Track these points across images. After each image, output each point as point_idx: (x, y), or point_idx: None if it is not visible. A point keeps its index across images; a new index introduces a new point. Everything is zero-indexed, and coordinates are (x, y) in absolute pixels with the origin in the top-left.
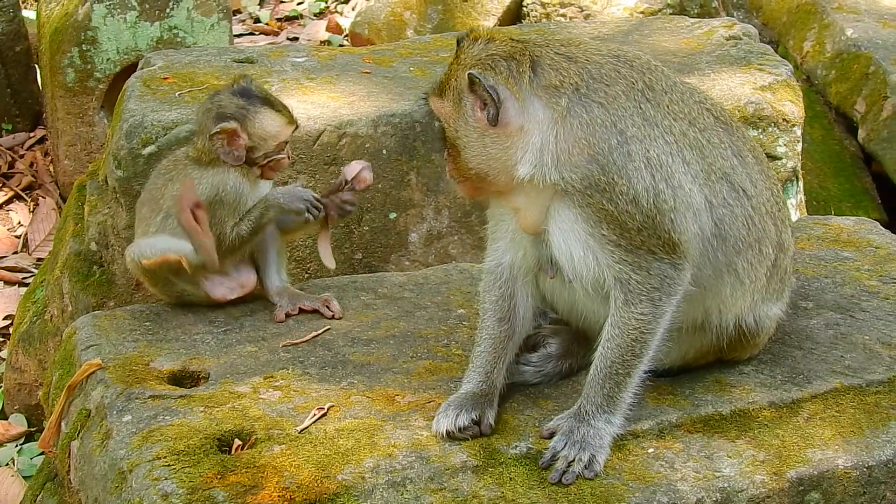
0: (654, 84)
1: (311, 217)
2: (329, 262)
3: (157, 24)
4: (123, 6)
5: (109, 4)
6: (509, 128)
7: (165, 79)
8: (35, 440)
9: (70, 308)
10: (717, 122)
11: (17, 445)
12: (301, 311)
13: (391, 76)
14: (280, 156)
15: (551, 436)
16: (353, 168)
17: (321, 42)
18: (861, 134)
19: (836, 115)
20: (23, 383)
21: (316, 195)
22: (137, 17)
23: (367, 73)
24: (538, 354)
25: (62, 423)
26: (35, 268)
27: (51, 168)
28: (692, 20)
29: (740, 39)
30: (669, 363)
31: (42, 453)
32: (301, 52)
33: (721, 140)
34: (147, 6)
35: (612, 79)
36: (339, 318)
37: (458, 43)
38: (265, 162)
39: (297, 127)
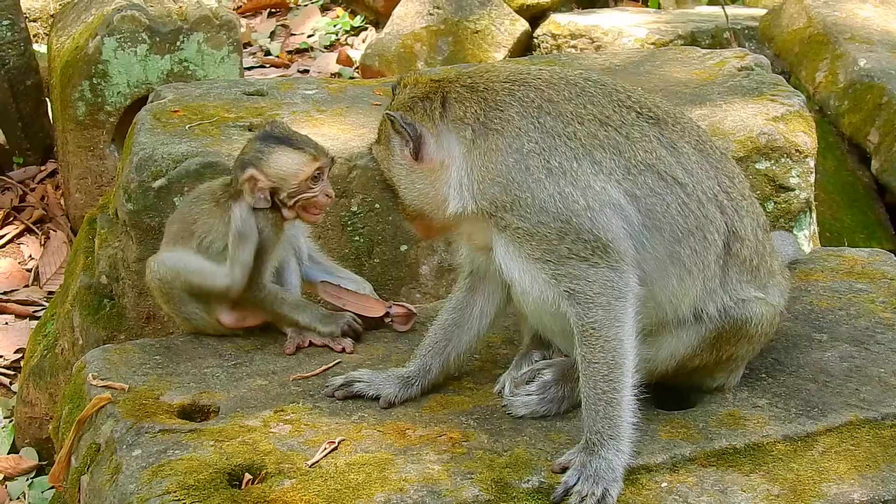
0: (553, 96)
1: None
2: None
3: (167, 57)
4: (134, 39)
5: (120, 38)
6: (432, 163)
7: (175, 112)
8: (46, 474)
9: (81, 341)
10: (642, 117)
11: (28, 479)
12: (311, 344)
13: None
14: (309, 194)
15: (563, 470)
16: (399, 311)
17: (332, 74)
18: (874, 165)
19: (849, 145)
20: (34, 417)
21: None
22: (148, 50)
23: (377, 105)
24: (536, 384)
25: (72, 458)
26: (46, 301)
27: (62, 201)
28: (703, 51)
29: (752, 70)
30: (663, 368)
31: (52, 487)
32: (311, 84)
33: (644, 134)
34: (157, 39)
35: (505, 103)
36: (350, 353)
37: (392, 90)
38: (294, 202)
39: (325, 163)
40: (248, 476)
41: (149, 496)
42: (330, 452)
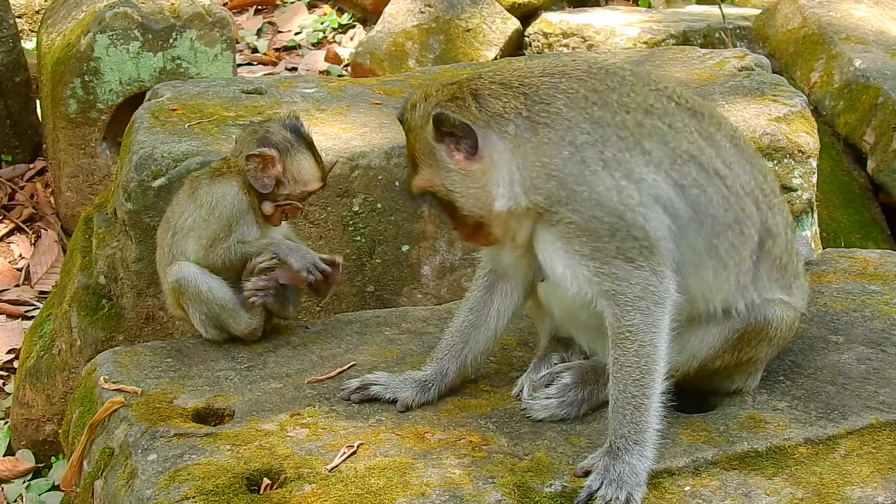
0: (597, 86)
1: (310, 278)
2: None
3: (160, 54)
4: (126, 37)
5: (112, 35)
6: (482, 162)
7: (174, 110)
8: (43, 476)
9: (79, 342)
10: (681, 108)
11: (24, 482)
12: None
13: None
14: (299, 203)
15: (586, 474)
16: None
17: (320, 72)
18: (870, 165)
19: (845, 145)
20: (30, 419)
21: (321, 262)
22: (140, 47)
23: (377, 104)
24: (555, 387)
25: (84, 462)
26: (38, 301)
27: (52, 200)
28: (703, 51)
29: (752, 70)
30: (685, 369)
31: (50, 490)
32: (310, 82)
33: (686, 125)
34: (150, 37)
35: (550, 96)
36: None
37: (401, 120)
38: (284, 203)
39: (324, 186)
40: (266, 481)
41: (167, 502)
42: (349, 457)
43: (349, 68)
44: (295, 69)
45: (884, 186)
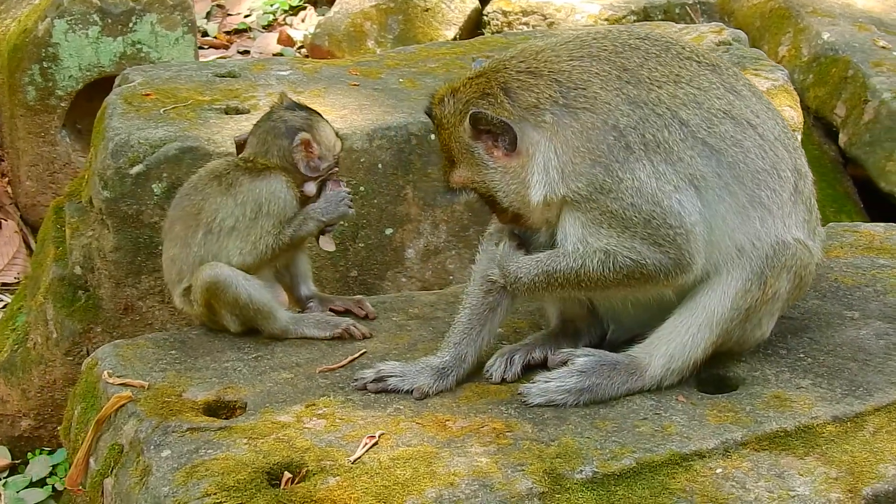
0: (626, 64)
1: (352, 212)
2: (330, 246)
3: (119, 39)
4: (85, 21)
5: (70, 20)
6: (520, 156)
7: (147, 95)
8: (20, 473)
9: (55, 335)
10: (702, 66)
11: (1, 479)
12: (332, 311)
13: (381, 88)
14: (336, 168)
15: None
16: None
17: (273, 55)
18: (842, 138)
19: (815, 119)
20: (5, 414)
21: (346, 189)
22: (100, 32)
23: (355, 85)
24: (558, 372)
25: (91, 460)
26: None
27: (9, 189)
28: (679, 26)
29: (731, 45)
30: (727, 316)
31: (32, 485)
32: (284, 64)
33: (711, 82)
34: (109, 21)
35: (584, 80)
36: (374, 318)
37: (429, 114)
38: (326, 175)
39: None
40: (287, 474)
41: (187, 499)
42: (371, 447)
43: (303, 50)
44: (247, 52)
45: (856, 159)
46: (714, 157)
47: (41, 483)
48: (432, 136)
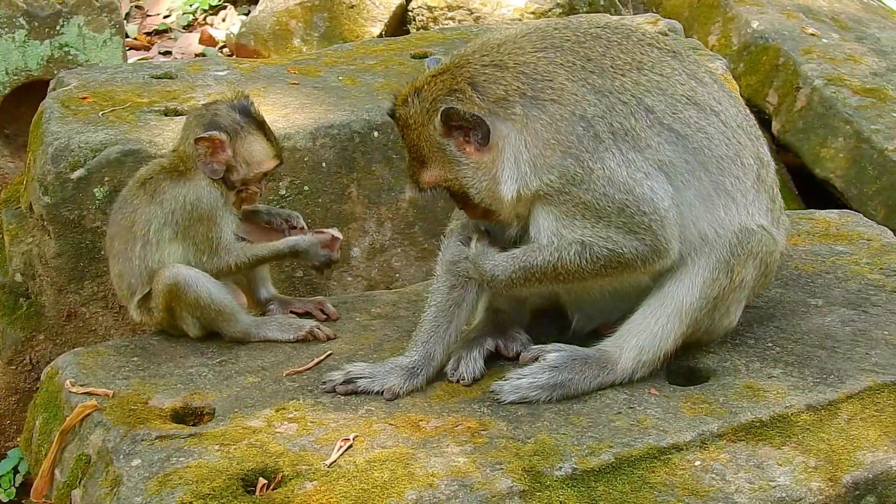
0: (589, 53)
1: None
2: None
3: (47, 42)
4: (11, 24)
5: None
6: (491, 150)
7: (84, 98)
8: None
9: None
10: (663, 52)
11: None
12: (293, 313)
13: (321, 86)
14: (255, 188)
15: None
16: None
17: (196, 55)
18: (775, 126)
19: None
20: None
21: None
22: (26, 35)
23: (295, 84)
24: (531, 368)
25: (56, 471)
26: None
27: None
28: (615, 18)
29: (667, 35)
30: (696, 306)
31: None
32: (221, 64)
33: (673, 68)
34: (36, 24)
35: (550, 72)
36: (336, 320)
37: (392, 115)
38: (241, 188)
39: (281, 164)
40: (262, 480)
41: None
42: (346, 450)
43: (225, 50)
44: (169, 53)
45: (790, 146)
46: (680, 142)
47: None
48: (375, 134)
